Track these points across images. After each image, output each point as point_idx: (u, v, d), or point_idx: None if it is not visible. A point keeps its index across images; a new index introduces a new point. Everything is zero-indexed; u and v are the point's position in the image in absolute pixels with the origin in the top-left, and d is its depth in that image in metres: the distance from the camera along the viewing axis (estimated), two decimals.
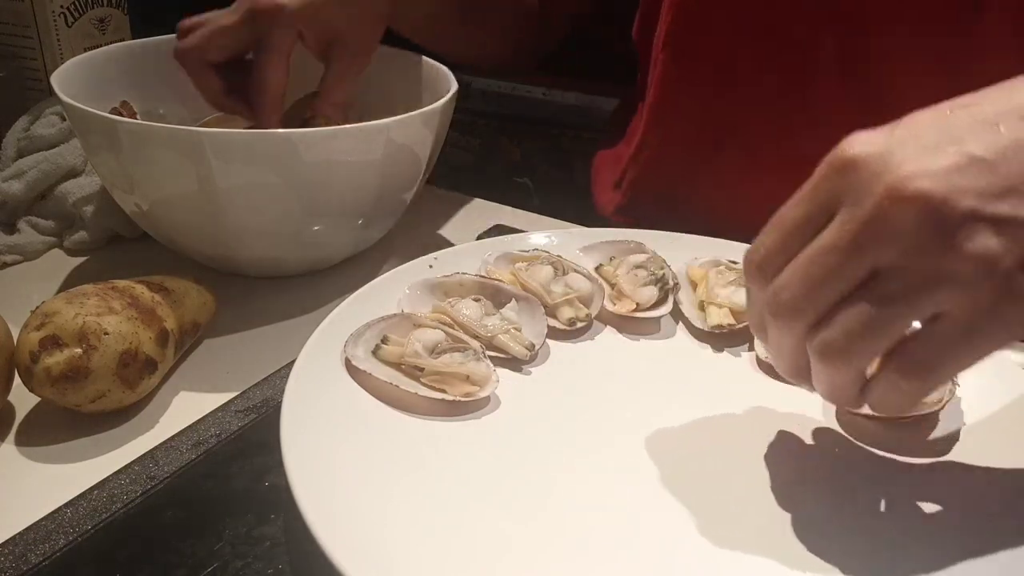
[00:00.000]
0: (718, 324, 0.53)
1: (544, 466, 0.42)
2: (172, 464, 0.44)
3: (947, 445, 0.45)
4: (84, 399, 0.45)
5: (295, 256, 0.61)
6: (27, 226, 0.66)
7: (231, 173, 0.53)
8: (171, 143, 0.53)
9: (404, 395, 0.45)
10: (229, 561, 0.38)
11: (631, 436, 0.45)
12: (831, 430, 0.46)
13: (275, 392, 0.49)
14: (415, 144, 0.59)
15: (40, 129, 0.68)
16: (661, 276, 0.55)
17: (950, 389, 0.46)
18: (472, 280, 0.54)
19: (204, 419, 0.47)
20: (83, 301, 0.45)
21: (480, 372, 0.46)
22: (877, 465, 0.44)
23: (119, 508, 0.41)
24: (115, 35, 0.78)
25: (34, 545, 0.39)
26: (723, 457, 0.44)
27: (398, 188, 0.61)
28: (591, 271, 0.56)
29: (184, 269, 0.56)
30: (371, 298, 0.52)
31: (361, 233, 0.62)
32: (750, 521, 0.40)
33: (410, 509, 0.39)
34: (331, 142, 0.54)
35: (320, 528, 0.35)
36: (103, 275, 0.51)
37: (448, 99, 0.61)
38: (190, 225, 0.58)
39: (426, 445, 0.43)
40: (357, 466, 0.41)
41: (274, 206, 0.56)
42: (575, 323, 0.53)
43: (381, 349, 0.48)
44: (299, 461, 0.39)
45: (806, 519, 0.40)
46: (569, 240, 0.60)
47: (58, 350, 0.44)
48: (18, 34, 0.74)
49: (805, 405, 0.48)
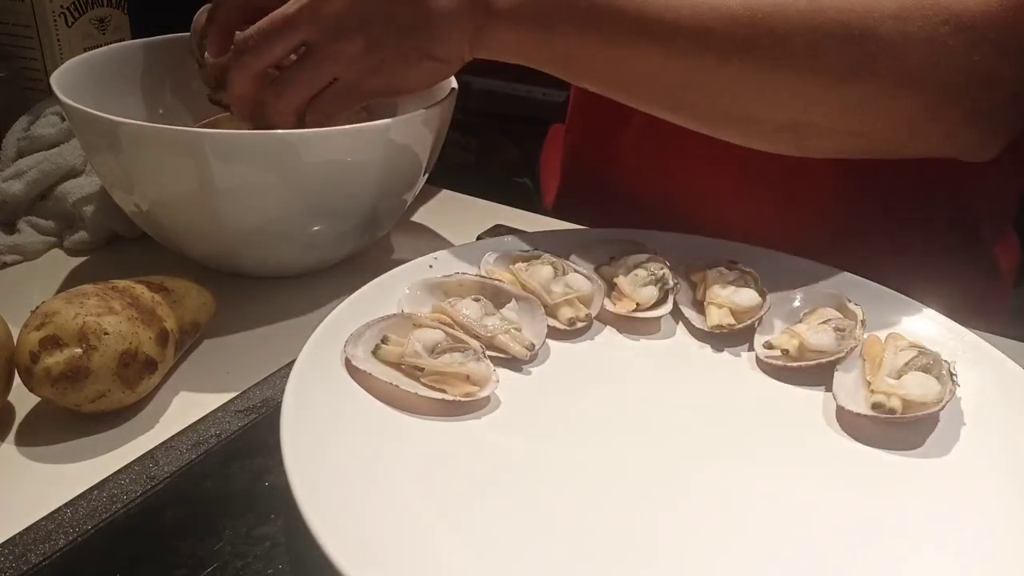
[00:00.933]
0: (718, 324, 0.53)
1: (544, 466, 0.42)
2: (172, 464, 0.44)
3: (947, 445, 0.45)
4: (84, 399, 0.45)
5: (295, 256, 0.61)
6: (27, 226, 0.66)
7: (231, 173, 0.53)
8: (171, 143, 0.53)
9: (404, 395, 0.45)
10: (229, 561, 0.38)
11: (631, 436, 0.45)
12: (831, 430, 0.46)
13: (275, 392, 0.49)
14: (415, 144, 0.59)
15: (40, 129, 0.68)
16: (661, 276, 0.55)
17: (950, 389, 0.46)
18: (472, 280, 0.54)
19: (204, 419, 0.47)
20: (83, 301, 0.45)
21: (480, 372, 0.46)
22: (877, 465, 0.44)
23: (119, 508, 0.41)
24: (115, 35, 0.78)
25: (34, 545, 0.39)
26: (723, 457, 0.44)
27: (398, 188, 0.61)
28: (591, 271, 0.56)
29: (184, 269, 0.56)
30: (371, 298, 0.52)
31: (361, 233, 0.62)
32: (750, 521, 0.40)
33: (410, 509, 0.39)
34: (331, 142, 0.54)
35: (320, 528, 0.35)
36: (103, 275, 0.51)
37: (448, 99, 0.61)
38: (190, 225, 0.58)
39: (426, 445, 0.43)
40: (357, 466, 0.41)
41: (274, 206, 0.56)
42: (575, 323, 0.53)
43: (381, 349, 0.48)
44: (299, 461, 0.39)
45: (806, 519, 0.40)
46: (569, 240, 0.60)
47: (58, 350, 0.44)
48: (18, 34, 0.74)
49: (805, 405, 0.48)
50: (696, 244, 0.60)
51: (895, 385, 0.46)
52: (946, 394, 0.46)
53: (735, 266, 0.56)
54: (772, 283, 0.55)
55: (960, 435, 0.45)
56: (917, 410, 0.45)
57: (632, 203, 0.79)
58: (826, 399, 0.48)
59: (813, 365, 0.49)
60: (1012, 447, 0.44)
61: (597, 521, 0.39)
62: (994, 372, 0.49)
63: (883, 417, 0.45)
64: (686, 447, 0.44)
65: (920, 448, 0.45)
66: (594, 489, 0.41)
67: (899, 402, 0.45)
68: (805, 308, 0.54)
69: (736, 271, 0.56)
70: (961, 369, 0.47)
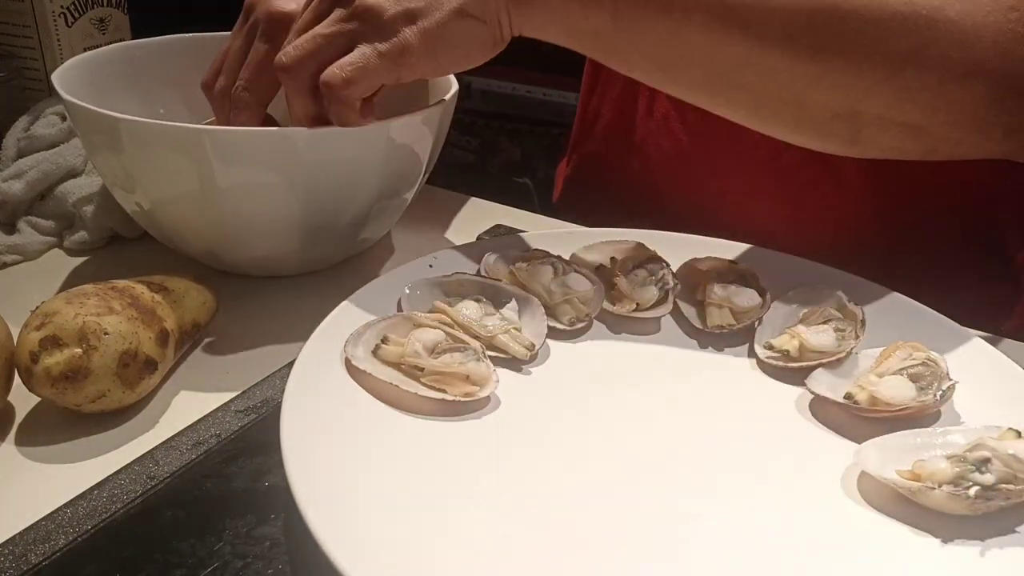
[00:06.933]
0: (718, 324, 0.53)
1: (544, 466, 0.42)
2: (172, 464, 0.44)
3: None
4: (84, 399, 0.45)
5: (295, 256, 0.61)
6: (27, 226, 0.66)
7: (232, 172, 0.53)
8: (172, 142, 0.53)
9: (404, 395, 0.45)
10: (229, 561, 0.38)
11: (631, 436, 0.45)
12: (831, 430, 0.46)
13: (275, 392, 0.49)
14: (415, 144, 0.59)
15: (40, 129, 0.68)
16: (661, 276, 0.55)
17: (949, 386, 0.46)
18: (472, 280, 0.54)
19: (204, 419, 0.47)
20: (83, 301, 0.45)
21: (480, 372, 0.46)
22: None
23: (119, 508, 0.41)
24: (115, 35, 0.78)
25: (34, 545, 0.39)
26: (723, 457, 0.44)
27: (398, 188, 0.61)
28: (591, 271, 0.56)
29: (184, 269, 0.56)
30: (371, 298, 0.52)
31: (361, 233, 0.62)
32: (750, 520, 0.40)
33: (410, 509, 0.39)
34: (331, 142, 0.54)
35: (320, 528, 0.35)
36: (103, 275, 0.51)
37: (448, 99, 0.61)
38: (190, 225, 0.58)
39: (426, 445, 0.43)
40: (357, 466, 0.41)
41: (274, 206, 0.56)
42: (575, 323, 0.53)
43: (381, 349, 0.48)
44: (299, 461, 0.39)
45: (806, 518, 0.40)
46: (569, 240, 0.60)
47: (58, 350, 0.44)
48: (18, 34, 0.74)
49: (805, 405, 0.48)
50: (696, 244, 0.60)
51: (872, 381, 0.46)
52: (917, 403, 0.45)
53: (735, 266, 0.56)
54: (772, 283, 0.55)
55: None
56: (882, 409, 0.45)
57: (647, 201, 0.78)
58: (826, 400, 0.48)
59: (813, 365, 0.49)
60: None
61: (597, 521, 0.39)
62: (994, 372, 0.48)
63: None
64: (686, 447, 0.44)
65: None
66: (594, 489, 0.41)
67: (867, 396, 0.45)
68: (805, 308, 0.54)
69: (736, 271, 0.56)
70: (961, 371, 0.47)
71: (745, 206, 0.73)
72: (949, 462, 0.40)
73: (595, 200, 0.84)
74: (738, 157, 0.71)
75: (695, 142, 0.75)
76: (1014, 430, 0.41)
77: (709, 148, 0.73)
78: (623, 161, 0.80)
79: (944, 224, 0.70)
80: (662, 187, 0.78)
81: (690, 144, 0.75)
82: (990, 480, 0.39)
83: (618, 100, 0.80)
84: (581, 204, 0.85)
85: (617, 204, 0.81)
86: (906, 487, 0.40)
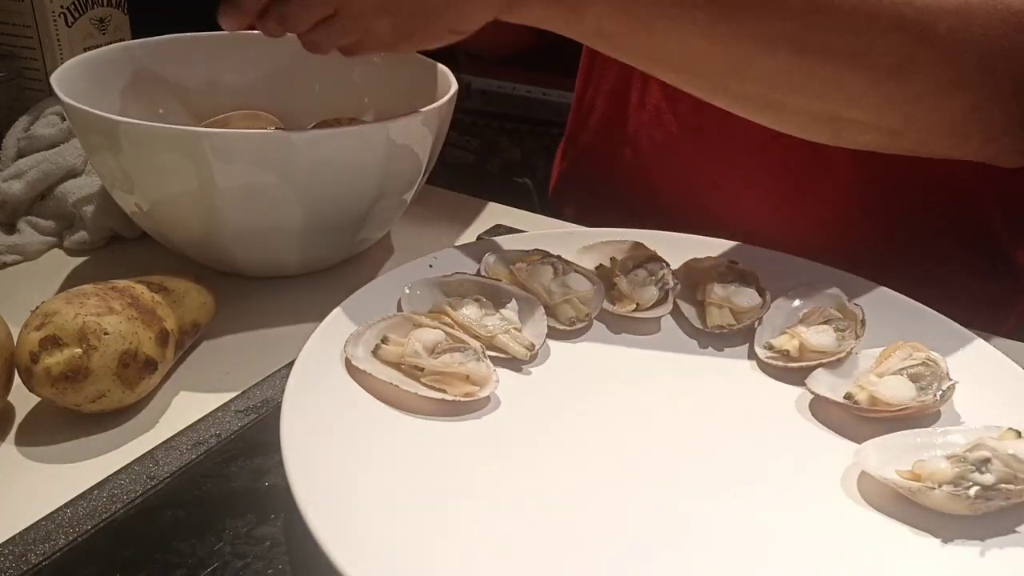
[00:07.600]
0: (718, 324, 0.53)
1: (544, 466, 0.42)
2: (172, 464, 0.44)
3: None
4: (84, 399, 0.45)
5: (295, 256, 0.61)
6: (27, 226, 0.66)
7: (231, 173, 0.53)
8: (171, 143, 0.53)
9: (404, 395, 0.45)
10: (229, 561, 0.38)
11: (631, 436, 0.45)
12: (831, 430, 0.46)
13: (275, 392, 0.49)
14: (415, 144, 0.59)
15: (40, 129, 0.68)
16: (661, 276, 0.55)
17: (949, 386, 0.46)
18: (472, 280, 0.54)
19: (204, 419, 0.47)
20: (83, 301, 0.45)
21: (480, 372, 0.46)
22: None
23: (119, 508, 0.41)
24: (115, 35, 0.78)
25: (34, 545, 0.39)
26: (723, 456, 0.44)
27: (398, 188, 0.61)
28: (591, 271, 0.56)
29: (184, 269, 0.56)
30: (371, 298, 0.52)
31: (361, 233, 0.62)
32: (750, 520, 0.40)
33: (410, 509, 0.39)
34: (331, 142, 0.54)
35: (320, 528, 0.35)
36: (103, 275, 0.51)
37: (448, 99, 0.61)
38: (190, 225, 0.58)
39: (426, 445, 0.43)
40: (357, 466, 0.41)
41: (274, 206, 0.56)
42: (575, 323, 0.53)
43: (381, 349, 0.48)
44: (299, 461, 0.39)
45: (806, 518, 0.40)
46: (569, 240, 0.60)
47: (58, 350, 0.44)
48: (18, 34, 0.74)
49: (805, 405, 0.48)
50: (696, 244, 0.60)
51: (872, 381, 0.46)
52: (917, 403, 0.45)
53: (735, 266, 0.56)
54: (772, 283, 0.55)
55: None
56: (882, 409, 0.45)
57: (640, 193, 0.79)
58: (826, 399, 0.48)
59: (813, 365, 0.49)
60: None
61: (597, 520, 0.39)
62: (994, 372, 0.49)
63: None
64: (686, 447, 0.44)
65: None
66: (594, 489, 0.41)
67: (867, 396, 0.45)
68: (805, 308, 0.54)
69: (736, 271, 0.56)
70: (961, 371, 0.47)
71: (737, 197, 0.73)
72: (949, 462, 0.40)
73: (590, 192, 0.84)
74: (729, 148, 0.72)
75: (686, 133, 0.75)
76: (1014, 430, 0.41)
77: (700, 139, 0.74)
78: (617, 152, 0.81)
79: (937, 219, 0.70)
80: (655, 177, 0.78)
81: (681, 135, 0.75)
82: (990, 480, 0.39)
83: (611, 92, 0.80)
84: (576, 196, 0.86)
85: (611, 196, 0.81)
86: (906, 487, 0.40)
